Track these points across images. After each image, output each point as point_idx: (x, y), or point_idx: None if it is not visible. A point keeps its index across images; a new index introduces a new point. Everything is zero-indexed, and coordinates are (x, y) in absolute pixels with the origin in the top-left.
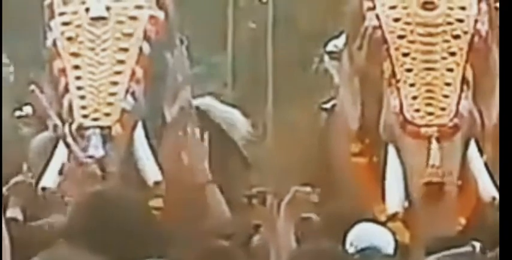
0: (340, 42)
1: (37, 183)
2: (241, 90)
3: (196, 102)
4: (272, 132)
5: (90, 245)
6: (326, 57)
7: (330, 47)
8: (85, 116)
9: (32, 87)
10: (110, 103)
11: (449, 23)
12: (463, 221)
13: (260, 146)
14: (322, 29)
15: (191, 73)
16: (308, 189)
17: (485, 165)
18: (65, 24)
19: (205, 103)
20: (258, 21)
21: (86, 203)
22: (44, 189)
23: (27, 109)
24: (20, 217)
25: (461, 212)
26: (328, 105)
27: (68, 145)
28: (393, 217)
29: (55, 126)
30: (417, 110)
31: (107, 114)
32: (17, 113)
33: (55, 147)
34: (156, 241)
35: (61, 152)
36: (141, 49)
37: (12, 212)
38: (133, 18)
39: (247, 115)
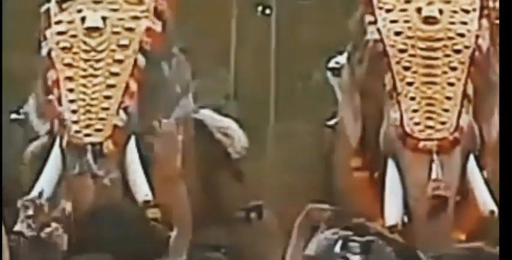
0: (342, 58)
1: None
2: (244, 103)
3: (194, 112)
4: (273, 145)
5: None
6: (329, 74)
7: (332, 64)
8: (76, 132)
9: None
10: (101, 119)
11: (451, 38)
12: (462, 235)
13: (260, 159)
14: (326, 42)
15: (192, 83)
16: (325, 206)
17: (485, 180)
18: (60, 33)
19: (203, 114)
20: (261, 34)
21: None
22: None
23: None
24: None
25: (460, 227)
26: (332, 122)
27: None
28: (391, 229)
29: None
30: (417, 123)
31: (99, 130)
32: (13, 116)
33: (45, 161)
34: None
35: (51, 168)
36: (136, 61)
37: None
38: (129, 29)
39: (246, 129)
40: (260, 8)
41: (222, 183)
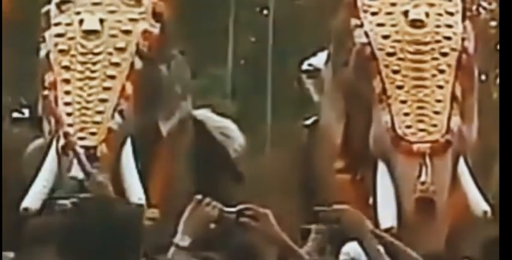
0: (315, 60)
1: (19, 202)
2: (241, 102)
3: (193, 113)
4: (270, 144)
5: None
6: (304, 76)
7: (305, 66)
8: (71, 135)
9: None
10: (96, 122)
11: (438, 41)
12: (453, 235)
13: (257, 159)
14: (322, 42)
15: (192, 83)
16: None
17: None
18: (59, 35)
19: (202, 114)
20: (258, 34)
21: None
22: (26, 209)
23: (25, 112)
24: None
25: (452, 227)
26: (309, 122)
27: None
28: (387, 232)
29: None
30: (409, 127)
31: (93, 133)
32: (15, 115)
33: (41, 165)
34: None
35: (46, 173)
36: (132, 64)
37: None
38: (126, 32)
39: (244, 129)
40: (258, 9)
41: (221, 182)
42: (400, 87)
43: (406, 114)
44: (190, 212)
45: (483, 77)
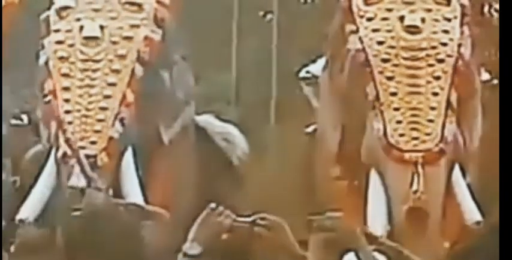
0: (313, 67)
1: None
2: (245, 109)
3: (196, 119)
4: (273, 151)
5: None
6: (302, 84)
7: (303, 73)
8: (70, 143)
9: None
10: (96, 131)
11: (433, 47)
12: (447, 246)
13: (260, 165)
14: (323, 49)
15: (195, 89)
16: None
17: (469, 188)
18: (58, 42)
19: (205, 120)
20: (262, 39)
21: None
22: (21, 220)
23: (24, 118)
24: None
25: (445, 237)
26: (310, 129)
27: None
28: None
29: (49, 138)
30: (402, 135)
31: (93, 142)
32: (13, 121)
33: (42, 168)
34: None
35: (44, 183)
36: (133, 71)
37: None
38: (127, 38)
39: (247, 134)
40: (261, 14)
41: (223, 189)
42: (393, 94)
43: (399, 122)
44: (202, 221)
45: (495, 81)
